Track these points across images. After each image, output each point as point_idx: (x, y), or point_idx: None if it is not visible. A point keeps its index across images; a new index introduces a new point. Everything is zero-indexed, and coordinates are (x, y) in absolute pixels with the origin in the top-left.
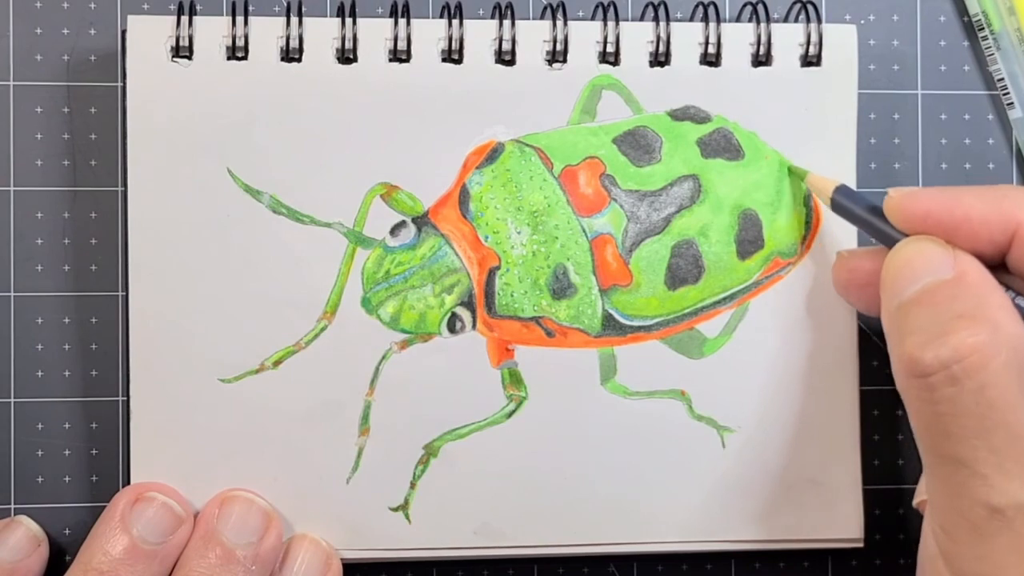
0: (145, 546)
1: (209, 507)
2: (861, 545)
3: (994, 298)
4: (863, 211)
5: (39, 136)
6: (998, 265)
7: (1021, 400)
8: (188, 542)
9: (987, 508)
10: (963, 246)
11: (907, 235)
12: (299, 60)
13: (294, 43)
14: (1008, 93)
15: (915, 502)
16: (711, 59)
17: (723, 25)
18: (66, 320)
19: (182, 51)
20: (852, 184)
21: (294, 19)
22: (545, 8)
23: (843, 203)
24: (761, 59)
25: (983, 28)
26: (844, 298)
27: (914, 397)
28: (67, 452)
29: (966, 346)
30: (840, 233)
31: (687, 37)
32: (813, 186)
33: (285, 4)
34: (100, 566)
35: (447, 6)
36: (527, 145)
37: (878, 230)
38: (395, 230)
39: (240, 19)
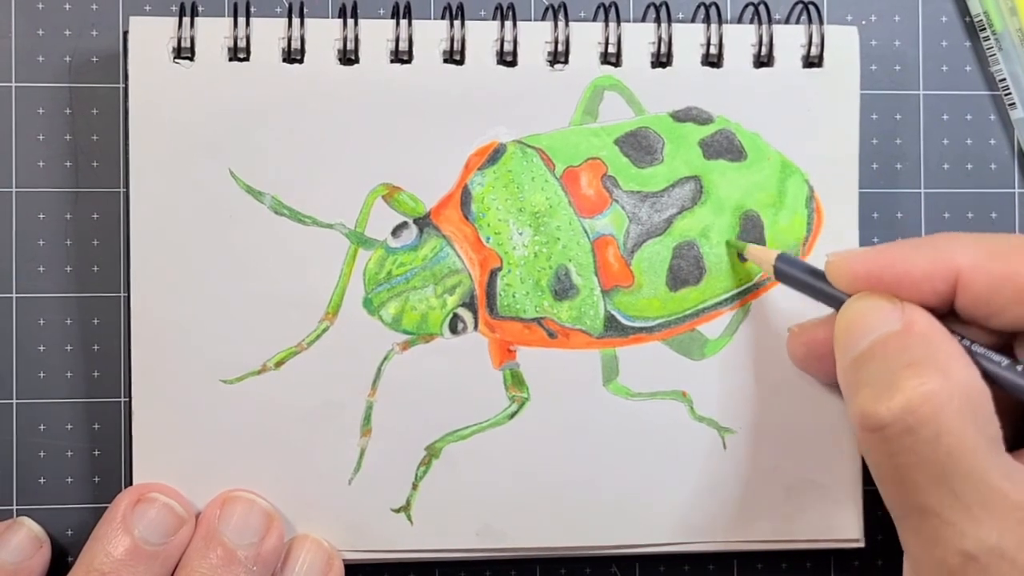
0: (147, 547)
1: (211, 508)
2: (862, 545)
3: (944, 345)
4: (806, 276)
5: (41, 137)
6: (948, 313)
7: (979, 443)
8: (190, 543)
9: (961, 555)
10: (909, 300)
11: (852, 295)
12: (301, 61)
13: (296, 44)
14: (1010, 93)
15: None
16: (713, 60)
17: (725, 26)
18: (68, 321)
19: (184, 52)
20: (855, 184)
21: (296, 20)
22: (546, 9)
23: (785, 270)
24: (763, 60)
25: (985, 28)
26: (805, 372)
27: (873, 451)
28: (69, 453)
29: (918, 396)
30: (842, 235)
31: (689, 38)
32: (754, 257)
33: (287, 5)
34: (102, 567)
35: (448, 7)
36: (529, 146)
37: (824, 293)
38: (397, 231)
39: (242, 20)
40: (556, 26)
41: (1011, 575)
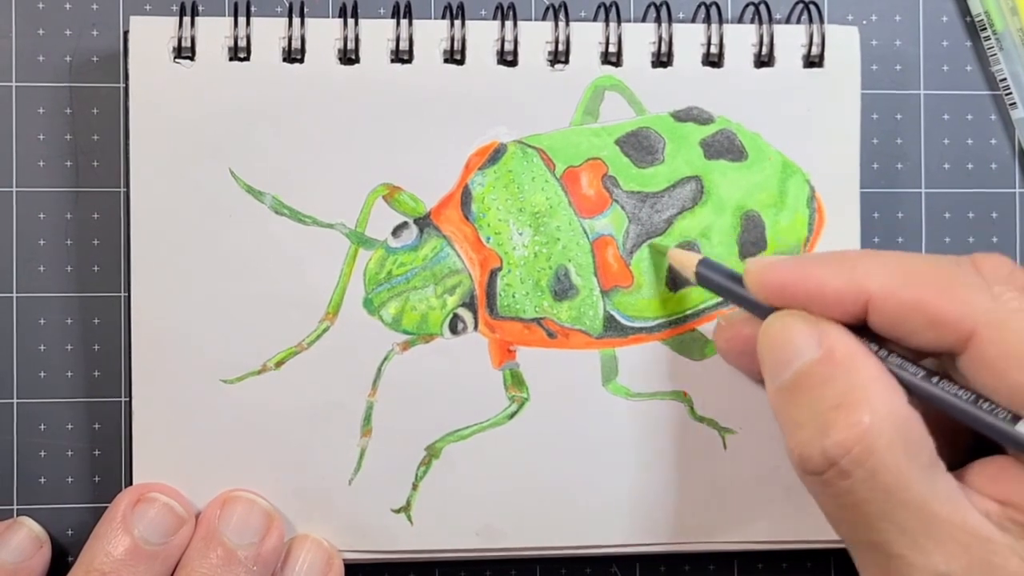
0: (147, 547)
1: (211, 508)
2: None
3: (865, 372)
4: (727, 282)
5: (41, 137)
6: (864, 326)
7: (915, 473)
8: (190, 543)
9: None
10: (825, 316)
11: (771, 306)
12: (301, 61)
13: (296, 44)
14: (1011, 93)
15: None
16: (713, 60)
17: (725, 26)
18: (68, 321)
19: (184, 52)
20: (856, 184)
21: (296, 20)
22: (547, 9)
23: (707, 275)
24: (763, 60)
25: (985, 28)
26: (729, 364)
27: (815, 492)
28: (69, 453)
29: (849, 439)
30: (844, 235)
31: (689, 38)
32: (675, 261)
33: (287, 5)
34: (102, 567)
35: (449, 7)
36: (529, 146)
37: (745, 300)
38: (397, 231)
39: (242, 20)
40: (556, 26)
41: None
